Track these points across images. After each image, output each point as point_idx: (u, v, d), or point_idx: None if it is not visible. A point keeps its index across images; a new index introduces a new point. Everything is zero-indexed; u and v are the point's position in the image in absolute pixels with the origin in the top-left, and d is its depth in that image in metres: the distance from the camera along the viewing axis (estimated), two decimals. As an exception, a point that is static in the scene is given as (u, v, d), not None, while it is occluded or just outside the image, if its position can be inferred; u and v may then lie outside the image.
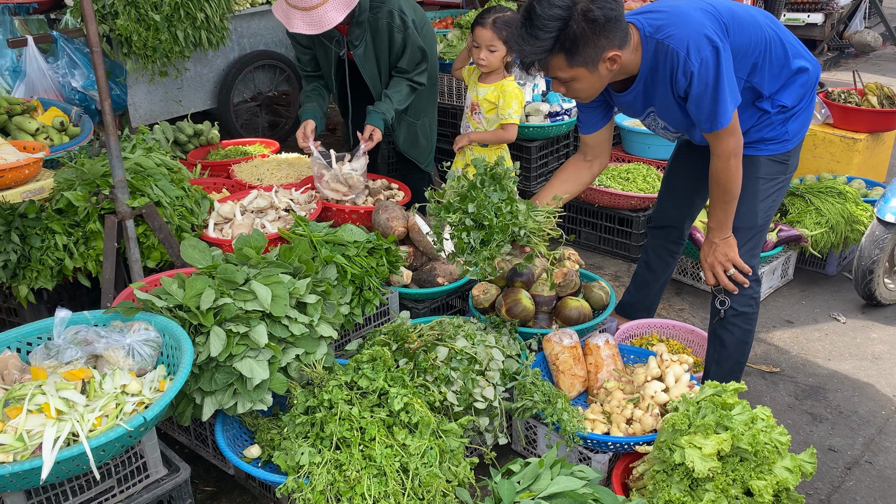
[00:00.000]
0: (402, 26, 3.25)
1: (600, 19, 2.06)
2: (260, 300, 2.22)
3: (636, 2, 5.40)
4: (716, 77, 2.20)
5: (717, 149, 2.35)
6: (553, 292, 2.89)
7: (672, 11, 2.26)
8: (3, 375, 1.98)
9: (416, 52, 3.34)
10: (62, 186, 2.73)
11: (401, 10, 3.25)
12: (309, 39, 3.33)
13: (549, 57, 2.13)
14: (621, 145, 4.58)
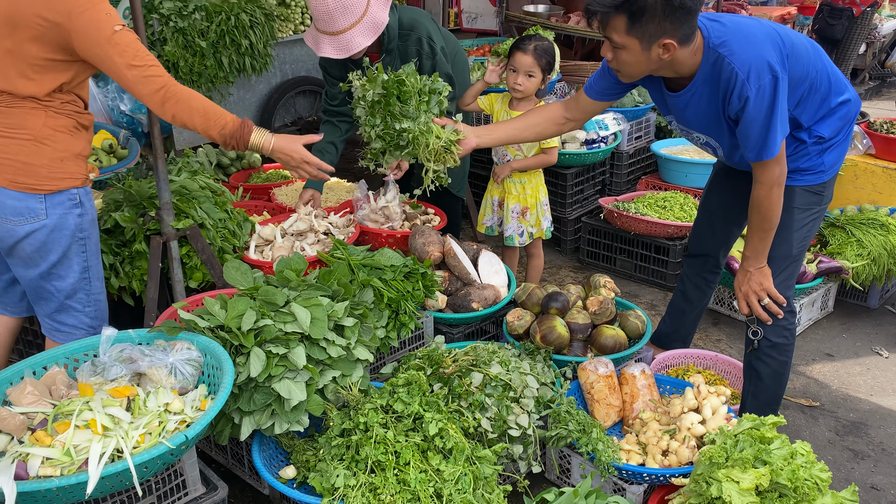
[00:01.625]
0: (430, 53, 3.30)
1: (676, 2, 2.06)
2: (299, 322, 2.25)
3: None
4: (771, 106, 2.18)
5: (762, 176, 2.34)
6: (588, 320, 2.88)
7: (739, 29, 2.24)
8: (52, 390, 2.04)
9: (444, 79, 3.37)
10: (110, 207, 2.81)
11: (429, 36, 3.30)
12: (341, 71, 3.39)
13: (613, 14, 2.13)
14: (658, 173, 4.57)
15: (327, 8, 2.92)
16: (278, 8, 4.77)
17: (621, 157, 4.50)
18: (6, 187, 2.12)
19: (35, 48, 2.06)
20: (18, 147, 2.12)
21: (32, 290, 2.32)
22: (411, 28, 3.24)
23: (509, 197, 3.46)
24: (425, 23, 3.31)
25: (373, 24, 3.02)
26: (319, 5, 2.93)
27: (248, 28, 4.39)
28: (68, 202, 2.20)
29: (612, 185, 4.59)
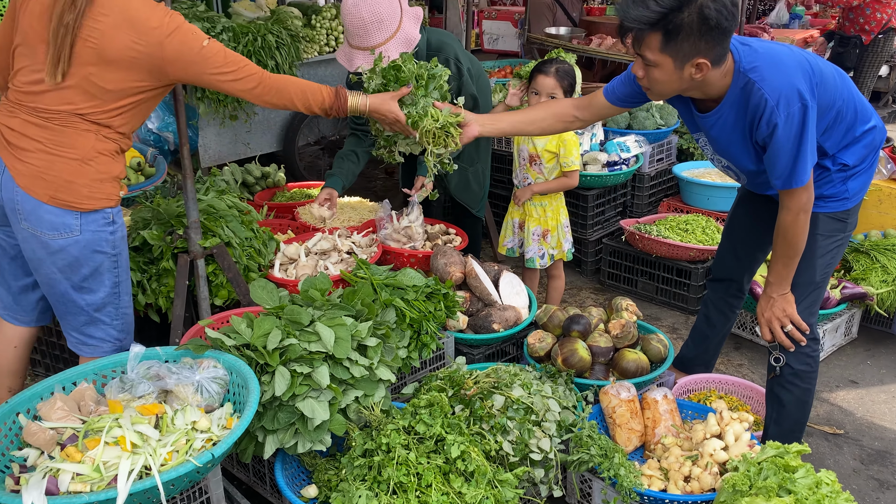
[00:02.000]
0: (457, 74, 3.35)
1: (712, 22, 2.06)
2: (323, 342, 2.27)
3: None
4: (799, 134, 2.18)
5: (788, 202, 2.33)
6: (610, 343, 2.88)
7: (770, 55, 2.24)
8: (80, 406, 2.07)
9: (469, 99, 3.42)
10: (138, 225, 2.86)
11: (456, 57, 3.35)
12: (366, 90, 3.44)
13: (648, 31, 2.12)
14: (679, 196, 4.56)
15: (363, 22, 2.97)
16: (304, 29, 4.85)
17: (643, 180, 4.50)
18: (46, 202, 2.17)
19: (119, 74, 2.15)
20: (63, 165, 2.18)
21: (61, 303, 2.36)
22: (439, 49, 3.30)
23: (530, 219, 3.47)
24: (452, 44, 3.37)
25: (405, 39, 3.07)
26: (355, 20, 2.98)
27: (274, 49, 4.47)
28: (102, 220, 2.26)
29: (633, 206, 4.59)
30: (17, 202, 2.18)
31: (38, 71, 2.14)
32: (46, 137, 2.17)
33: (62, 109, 2.16)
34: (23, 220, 2.20)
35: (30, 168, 2.16)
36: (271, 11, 4.85)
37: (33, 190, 2.16)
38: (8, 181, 2.19)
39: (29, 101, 2.16)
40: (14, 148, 2.18)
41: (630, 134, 4.42)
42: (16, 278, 2.44)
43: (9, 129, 2.19)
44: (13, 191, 2.18)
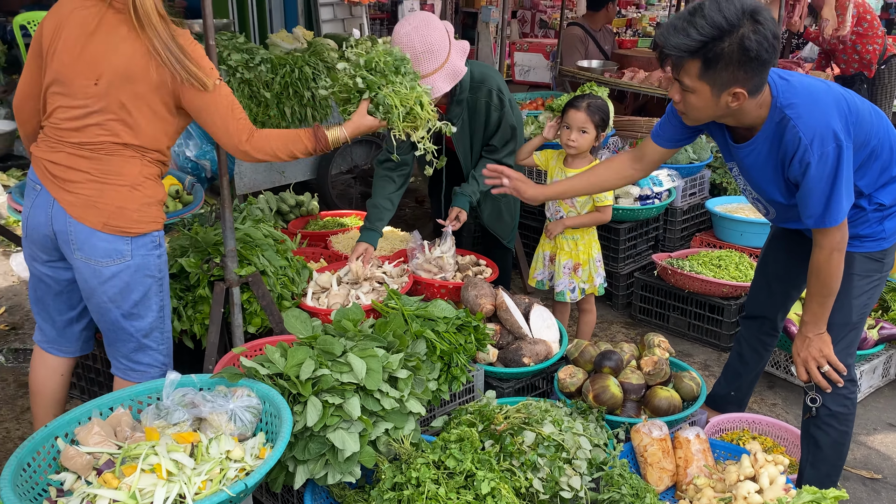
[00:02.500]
0: (499, 105, 3.39)
1: (752, 52, 2.06)
2: (355, 373, 2.29)
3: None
4: (833, 174, 2.17)
5: (822, 241, 2.30)
6: (642, 380, 2.86)
7: (808, 92, 2.24)
8: (117, 431, 2.11)
9: (508, 130, 3.46)
10: (176, 252, 2.92)
11: (499, 89, 3.40)
12: None
13: (687, 59, 2.13)
14: (712, 231, 4.53)
15: (414, 52, 3.02)
16: (340, 61, 4.93)
17: (675, 214, 4.48)
18: (99, 230, 2.25)
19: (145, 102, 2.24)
20: (114, 192, 2.26)
21: (111, 330, 2.42)
22: (482, 81, 3.35)
23: (561, 253, 3.47)
24: (495, 77, 3.42)
25: (453, 71, 3.13)
26: (406, 49, 3.02)
27: (310, 80, 4.56)
28: (150, 244, 2.35)
29: (665, 241, 4.56)
30: (71, 233, 2.26)
31: (77, 107, 2.23)
32: (94, 167, 2.25)
33: (106, 140, 2.24)
34: (76, 249, 2.27)
35: (81, 198, 2.24)
36: (308, 43, 4.95)
37: (87, 218, 2.24)
38: (59, 213, 2.26)
39: (71, 138, 2.25)
40: (62, 181, 2.26)
41: (662, 168, 4.41)
42: (60, 313, 2.51)
43: (54, 164, 2.27)
44: (66, 222, 2.25)
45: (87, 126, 2.23)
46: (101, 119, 2.22)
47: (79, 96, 2.22)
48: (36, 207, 2.30)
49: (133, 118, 2.24)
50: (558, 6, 10.94)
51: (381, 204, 3.46)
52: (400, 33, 3.06)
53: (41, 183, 2.29)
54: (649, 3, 12.40)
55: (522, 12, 11.16)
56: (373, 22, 8.61)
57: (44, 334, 2.56)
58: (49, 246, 2.34)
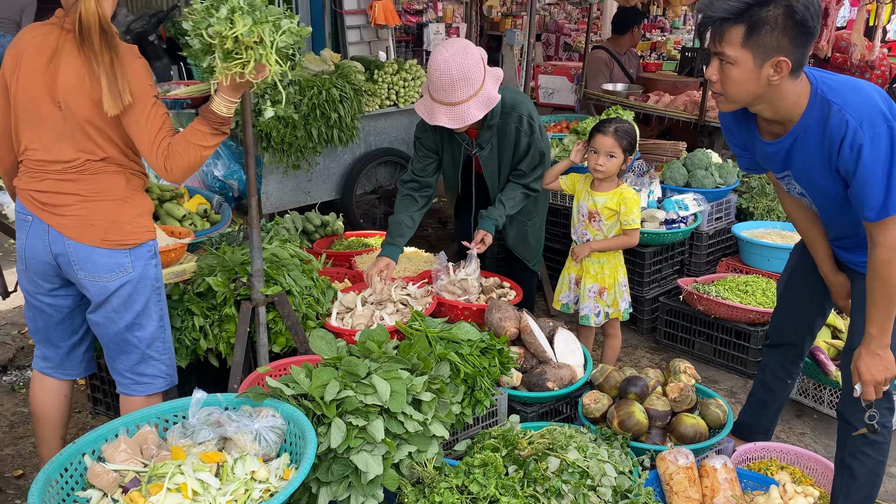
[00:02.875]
0: (529, 130, 3.41)
1: (798, 17, 2.02)
2: (379, 395, 2.29)
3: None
4: (890, 156, 2.05)
5: (881, 237, 2.16)
6: (668, 407, 2.82)
7: (846, 80, 2.17)
8: (143, 449, 2.12)
9: (537, 155, 3.47)
10: (204, 271, 2.95)
11: (529, 115, 3.41)
12: (437, 144, 3.51)
13: (730, 25, 2.07)
14: (738, 255, 4.49)
15: (451, 79, 3.06)
16: (366, 83, 5.00)
17: (701, 238, 4.45)
18: (98, 246, 2.31)
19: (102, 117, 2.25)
20: (106, 208, 2.32)
21: (116, 344, 2.46)
22: (513, 107, 3.37)
23: (587, 276, 3.46)
24: (525, 102, 3.44)
25: (487, 98, 3.16)
26: (443, 76, 3.07)
27: (337, 102, 4.61)
28: (147, 254, 2.40)
29: (690, 265, 4.53)
30: (71, 254, 2.31)
31: (49, 132, 2.26)
32: (83, 188, 2.30)
33: (86, 159, 2.29)
34: (79, 269, 2.32)
35: (74, 219, 2.30)
36: (335, 66, 5.01)
37: (84, 237, 2.30)
38: (56, 237, 2.31)
39: (53, 165, 2.29)
40: (52, 207, 2.30)
41: (688, 192, 4.39)
42: (64, 339, 2.55)
43: (41, 192, 2.31)
44: (64, 245, 2.30)
45: (62, 149, 2.27)
46: (74, 139, 2.26)
47: (47, 121, 2.25)
48: (32, 237, 2.34)
49: (101, 134, 2.27)
50: (583, 29, 10.99)
51: (402, 221, 3.48)
52: (437, 59, 3.09)
53: (32, 213, 2.33)
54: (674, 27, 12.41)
55: (547, 35, 11.22)
56: (399, 44, 8.69)
57: (48, 360, 2.59)
58: (51, 273, 2.38)
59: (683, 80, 6.27)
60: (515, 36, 9.79)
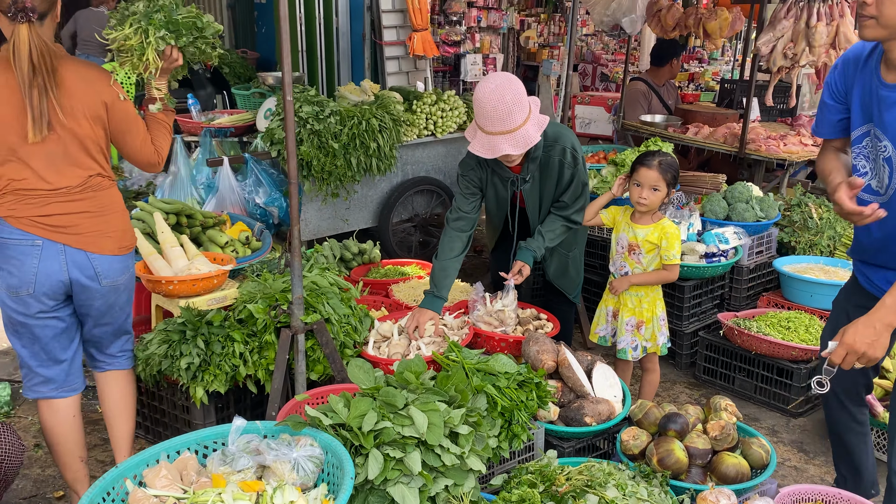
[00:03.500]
0: (572, 163, 3.41)
1: None
2: (417, 427, 2.28)
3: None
4: None
5: None
6: (708, 445, 2.76)
7: None
8: (182, 475, 2.14)
9: (580, 187, 3.46)
10: (245, 298, 2.98)
11: (573, 147, 3.41)
12: (482, 182, 3.52)
13: None
14: (780, 290, 4.41)
15: (506, 105, 3.06)
16: (405, 114, 5.06)
17: (741, 272, 4.38)
18: (116, 254, 2.59)
19: (101, 131, 2.51)
20: (115, 218, 2.59)
21: (113, 332, 2.79)
22: (556, 139, 3.38)
23: (624, 309, 3.42)
24: (568, 135, 3.45)
25: (539, 121, 3.22)
26: (498, 104, 3.06)
27: (377, 132, 4.67)
28: (134, 251, 2.75)
29: (730, 300, 4.45)
30: (95, 267, 2.53)
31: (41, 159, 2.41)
32: (90, 206, 2.51)
33: (85, 175, 2.48)
34: (104, 278, 2.57)
35: (91, 236, 2.51)
36: (375, 96, 5.09)
37: (105, 248, 2.55)
38: (76, 254, 2.50)
39: (58, 193, 2.45)
40: (65, 229, 2.46)
41: (729, 225, 4.33)
42: (64, 350, 2.66)
43: (48, 217, 2.44)
44: (87, 259, 2.52)
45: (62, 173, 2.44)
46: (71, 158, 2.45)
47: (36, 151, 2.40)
48: (45, 260, 2.44)
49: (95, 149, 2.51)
50: (620, 60, 11.01)
51: (447, 267, 3.39)
52: (486, 90, 3.09)
53: (41, 237, 2.42)
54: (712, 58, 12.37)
55: (584, 66, 11.26)
56: (436, 74, 8.80)
57: (51, 382, 2.66)
58: (60, 292, 2.52)
59: (723, 112, 6.23)
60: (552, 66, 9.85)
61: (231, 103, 6.56)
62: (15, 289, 2.46)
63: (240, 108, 5.88)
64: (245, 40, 8.87)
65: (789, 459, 3.43)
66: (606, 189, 4.59)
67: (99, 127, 2.49)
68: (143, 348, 2.94)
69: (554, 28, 10.70)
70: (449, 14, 8.50)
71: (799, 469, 3.36)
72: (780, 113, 6.75)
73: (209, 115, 5.47)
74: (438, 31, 8.39)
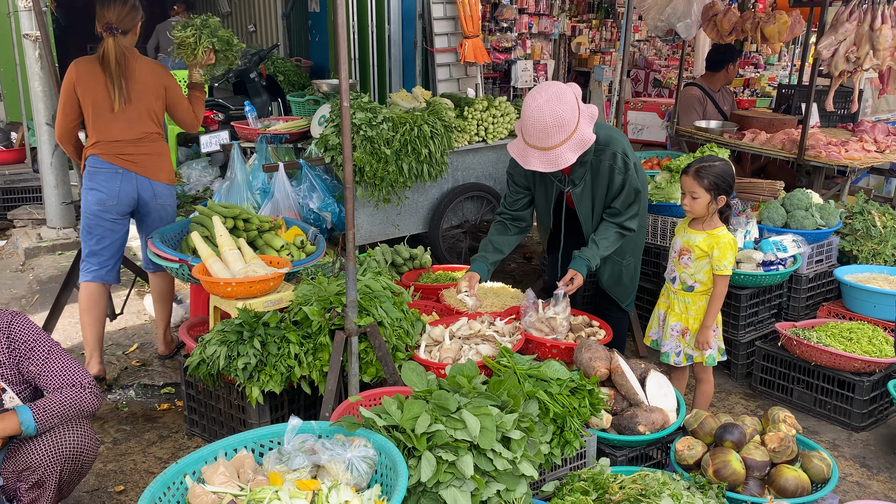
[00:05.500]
0: (623, 168, 3.38)
1: None
2: (469, 430, 2.29)
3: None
4: None
5: None
6: (766, 457, 2.70)
7: None
8: (239, 473, 2.18)
9: (632, 193, 3.43)
10: (300, 301, 3.03)
11: (624, 152, 3.38)
12: (528, 180, 3.53)
13: None
14: (841, 300, 4.28)
15: (545, 125, 3.09)
16: (456, 120, 5.08)
17: (800, 281, 4.27)
18: (167, 183, 3.84)
19: (160, 104, 3.79)
20: (166, 161, 3.85)
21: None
22: (607, 144, 3.36)
23: (671, 313, 3.38)
24: (620, 140, 3.42)
25: (581, 140, 3.17)
26: (537, 122, 3.10)
27: (428, 138, 4.70)
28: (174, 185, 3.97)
29: (788, 309, 4.34)
30: (155, 192, 3.78)
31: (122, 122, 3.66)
32: (149, 150, 3.75)
33: (150, 132, 3.75)
34: (159, 199, 3.80)
35: (153, 169, 3.75)
36: (426, 103, 5.12)
37: (161, 178, 3.79)
38: (144, 181, 3.73)
39: (129, 142, 3.69)
40: (136, 164, 3.70)
41: (787, 233, 4.23)
42: (119, 250, 3.84)
43: (125, 155, 3.68)
44: (150, 185, 3.76)
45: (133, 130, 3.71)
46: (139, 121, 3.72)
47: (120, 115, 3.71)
48: (124, 182, 3.68)
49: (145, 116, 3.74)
50: (673, 66, 10.85)
51: (492, 240, 3.61)
52: (531, 106, 3.12)
53: (121, 167, 3.67)
54: (768, 63, 12.09)
55: (636, 71, 11.13)
56: (486, 81, 8.81)
57: (101, 266, 3.77)
58: (128, 205, 3.73)
59: (780, 118, 6.09)
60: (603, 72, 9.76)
61: (286, 110, 6.69)
62: (103, 202, 3.67)
63: (294, 115, 6.00)
64: (299, 49, 9.04)
65: (851, 475, 3.32)
66: (660, 195, 4.54)
67: (159, 102, 3.74)
68: (201, 348, 3.01)
69: (606, 34, 10.60)
70: (500, 20, 8.49)
71: (861, 485, 3.25)
72: (841, 118, 6.56)
73: (265, 122, 5.59)
74: (489, 37, 8.39)
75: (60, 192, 5.86)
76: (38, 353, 2.52)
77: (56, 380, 2.51)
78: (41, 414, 2.41)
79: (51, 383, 2.51)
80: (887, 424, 3.72)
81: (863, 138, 5.55)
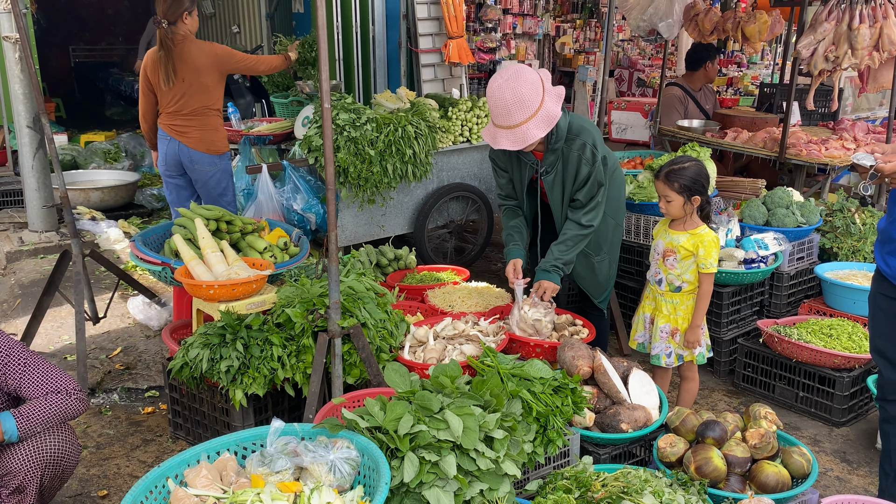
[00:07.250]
0: (591, 160, 3.38)
1: None
2: (452, 430, 2.30)
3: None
4: None
5: None
6: (748, 453, 2.72)
7: None
8: (222, 475, 2.18)
9: (595, 186, 3.41)
10: (283, 303, 3.03)
11: (593, 144, 3.39)
12: (507, 162, 3.56)
13: None
14: (822, 297, 4.32)
15: (506, 104, 3.15)
16: (440, 120, 5.09)
17: (781, 279, 4.31)
18: (204, 152, 4.50)
19: (215, 78, 4.47)
20: (211, 133, 4.51)
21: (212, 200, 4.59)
22: (578, 133, 3.38)
23: (659, 315, 3.40)
24: (592, 132, 3.43)
25: (547, 117, 3.20)
26: (499, 101, 3.17)
27: (412, 139, 4.71)
28: (226, 157, 4.63)
29: (770, 306, 4.38)
30: (193, 159, 4.49)
31: (175, 97, 4.40)
32: (199, 122, 4.45)
33: (203, 105, 4.44)
34: (196, 165, 4.50)
35: (193, 140, 4.45)
36: (411, 103, 5.13)
37: (199, 147, 4.46)
38: (184, 149, 4.47)
39: (181, 114, 4.44)
40: (180, 133, 4.45)
41: (769, 231, 4.27)
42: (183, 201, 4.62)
43: (174, 125, 4.45)
44: (189, 152, 4.48)
45: (183, 104, 4.42)
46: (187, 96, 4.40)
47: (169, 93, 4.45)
48: (170, 147, 4.48)
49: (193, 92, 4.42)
50: (656, 65, 10.91)
51: (511, 227, 3.68)
52: (492, 86, 3.21)
53: (170, 136, 4.46)
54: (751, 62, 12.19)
55: (620, 71, 11.18)
56: (471, 81, 8.82)
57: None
58: (176, 166, 4.54)
59: (762, 116, 6.14)
60: (587, 72, 9.81)
61: (270, 111, 6.67)
62: (162, 162, 4.58)
63: (278, 117, 5.98)
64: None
65: (832, 469, 3.36)
66: (643, 195, 4.57)
67: (211, 75, 4.41)
68: (184, 351, 3.01)
69: (590, 34, 10.65)
70: (484, 21, 8.52)
71: (842, 479, 3.29)
72: (822, 117, 6.62)
73: (248, 124, 5.58)
74: (474, 38, 8.41)
75: (42, 196, 5.81)
76: (14, 367, 2.50)
77: (39, 389, 2.49)
78: (24, 421, 2.40)
79: (34, 393, 2.49)
80: (867, 419, 3.76)
81: (843, 136, 5.61)
